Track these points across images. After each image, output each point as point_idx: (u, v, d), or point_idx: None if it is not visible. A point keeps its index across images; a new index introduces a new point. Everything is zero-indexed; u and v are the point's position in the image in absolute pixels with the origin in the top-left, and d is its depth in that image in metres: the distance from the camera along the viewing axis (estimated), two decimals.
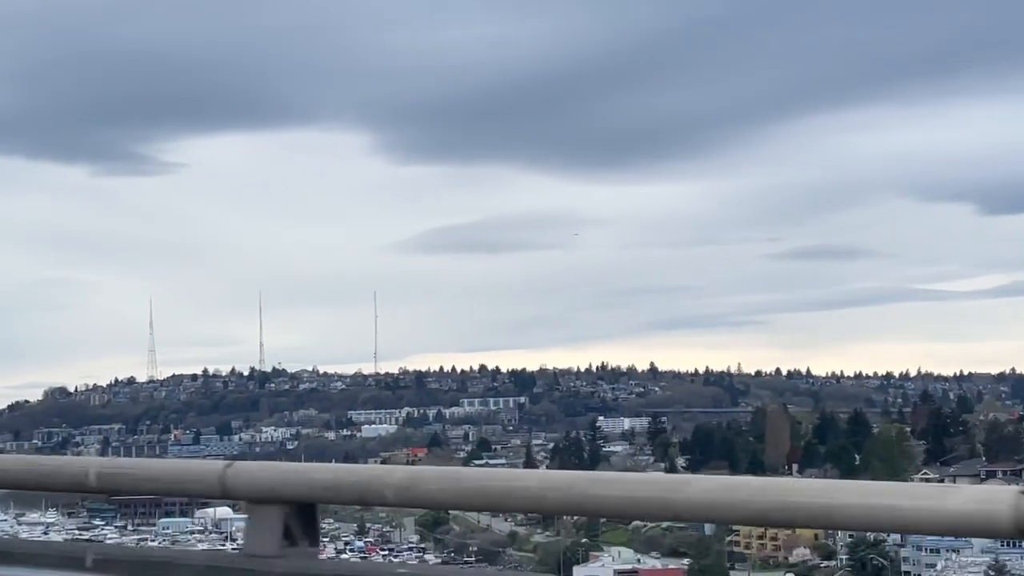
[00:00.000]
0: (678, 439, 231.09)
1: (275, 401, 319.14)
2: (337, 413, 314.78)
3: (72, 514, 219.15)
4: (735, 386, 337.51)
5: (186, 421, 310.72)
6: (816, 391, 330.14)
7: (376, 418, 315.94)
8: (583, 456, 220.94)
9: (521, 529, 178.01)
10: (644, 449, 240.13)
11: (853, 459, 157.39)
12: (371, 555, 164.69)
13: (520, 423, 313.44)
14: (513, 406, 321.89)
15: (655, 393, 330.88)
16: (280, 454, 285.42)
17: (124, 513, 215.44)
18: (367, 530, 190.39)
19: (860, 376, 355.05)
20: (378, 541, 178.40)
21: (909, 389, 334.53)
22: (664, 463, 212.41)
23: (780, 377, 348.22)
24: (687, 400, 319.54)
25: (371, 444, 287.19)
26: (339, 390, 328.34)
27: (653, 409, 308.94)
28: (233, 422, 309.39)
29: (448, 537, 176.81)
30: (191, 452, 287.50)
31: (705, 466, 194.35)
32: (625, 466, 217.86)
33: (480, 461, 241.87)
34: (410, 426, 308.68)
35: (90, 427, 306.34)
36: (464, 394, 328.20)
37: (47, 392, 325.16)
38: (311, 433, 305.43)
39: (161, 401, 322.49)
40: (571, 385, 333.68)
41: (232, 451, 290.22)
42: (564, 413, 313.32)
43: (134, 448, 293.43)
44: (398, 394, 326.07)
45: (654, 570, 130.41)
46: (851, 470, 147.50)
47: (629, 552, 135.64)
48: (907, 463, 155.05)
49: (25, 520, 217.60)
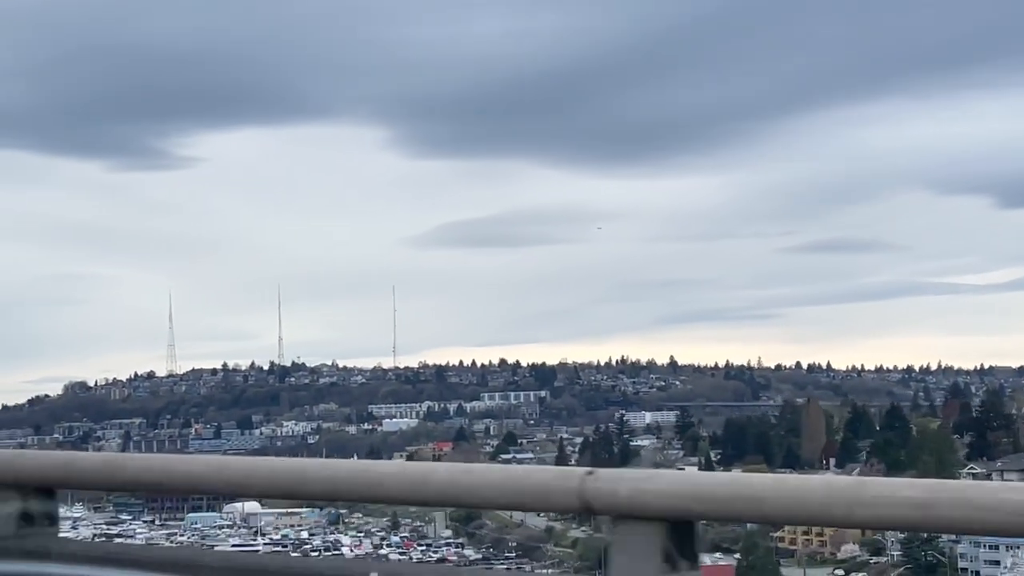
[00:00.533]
0: (708, 433, 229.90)
1: (295, 395, 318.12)
2: (358, 407, 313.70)
3: (98, 509, 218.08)
4: (756, 380, 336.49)
5: (207, 415, 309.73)
6: (837, 385, 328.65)
7: (397, 412, 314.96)
8: (612, 450, 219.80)
9: (557, 524, 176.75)
10: (672, 443, 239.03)
11: (898, 454, 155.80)
12: (408, 550, 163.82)
13: (541, 417, 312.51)
14: (534, 400, 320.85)
15: (676, 387, 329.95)
16: (302, 448, 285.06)
17: (151, 508, 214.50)
18: (399, 525, 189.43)
19: (881, 370, 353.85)
20: (413, 536, 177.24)
21: (930, 383, 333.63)
22: (696, 457, 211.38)
23: (800, 371, 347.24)
24: (708, 394, 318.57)
25: (392, 438, 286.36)
26: (359, 384, 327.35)
27: (675, 403, 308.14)
28: (254, 416, 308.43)
29: (484, 532, 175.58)
30: (212, 446, 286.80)
31: (739, 461, 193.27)
32: (655, 460, 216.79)
33: (507, 455, 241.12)
34: (431, 420, 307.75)
35: (111, 421, 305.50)
36: (484, 388, 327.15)
37: (67, 386, 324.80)
38: (332, 427, 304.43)
39: (181, 395, 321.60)
40: (591, 379, 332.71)
41: (253, 445, 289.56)
42: (585, 407, 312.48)
43: (155, 442, 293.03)
44: (418, 388, 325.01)
45: (703, 566, 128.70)
46: (896, 466, 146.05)
47: None
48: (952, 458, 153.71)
49: None
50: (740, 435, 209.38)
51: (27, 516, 5.71)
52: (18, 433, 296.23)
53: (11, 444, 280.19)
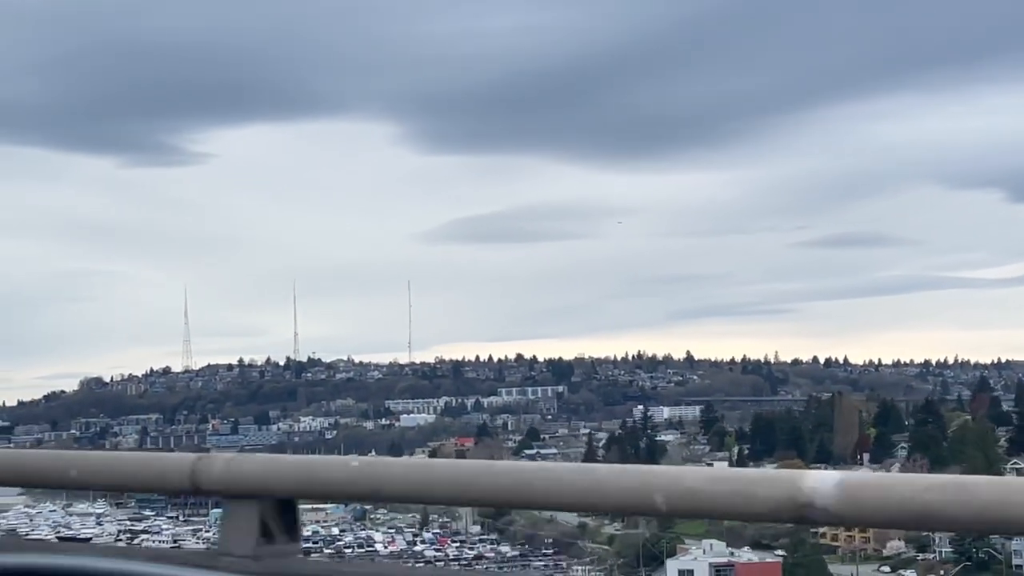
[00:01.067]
0: (734, 428, 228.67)
1: (312, 391, 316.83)
2: (375, 403, 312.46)
3: (120, 504, 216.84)
4: (774, 374, 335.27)
5: (223, 411, 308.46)
6: (855, 380, 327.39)
7: (414, 407, 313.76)
8: (638, 445, 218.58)
9: (589, 521, 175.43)
10: (697, 438, 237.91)
11: (939, 449, 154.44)
12: (443, 547, 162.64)
13: (559, 412, 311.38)
14: (552, 395, 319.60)
15: (693, 382, 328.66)
16: (320, 443, 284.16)
17: (175, 503, 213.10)
18: (429, 521, 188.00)
19: (899, 364, 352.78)
20: (447, 532, 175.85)
21: (948, 377, 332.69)
22: (723, 452, 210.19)
23: (817, 365, 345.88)
24: (726, 389, 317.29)
25: (410, 434, 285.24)
26: (375, 380, 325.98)
27: (693, 398, 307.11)
28: (271, 412, 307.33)
29: (516, 528, 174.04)
30: (230, 442, 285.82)
31: (769, 456, 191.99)
32: (682, 456, 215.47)
33: (531, 451, 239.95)
34: (448, 416, 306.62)
35: (127, 417, 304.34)
36: (502, 383, 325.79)
37: (83, 382, 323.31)
38: (349, 423, 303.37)
39: (198, 391, 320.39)
40: (609, 374, 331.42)
41: (271, 441, 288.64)
42: (603, 402, 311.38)
43: (172, 438, 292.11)
44: (435, 383, 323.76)
45: (750, 563, 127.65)
46: (939, 461, 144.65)
47: (721, 545, 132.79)
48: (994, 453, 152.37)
49: (74, 511, 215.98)
50: (768, 430, 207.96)
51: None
52: (35, 429, 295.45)
53: (28, 440, 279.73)
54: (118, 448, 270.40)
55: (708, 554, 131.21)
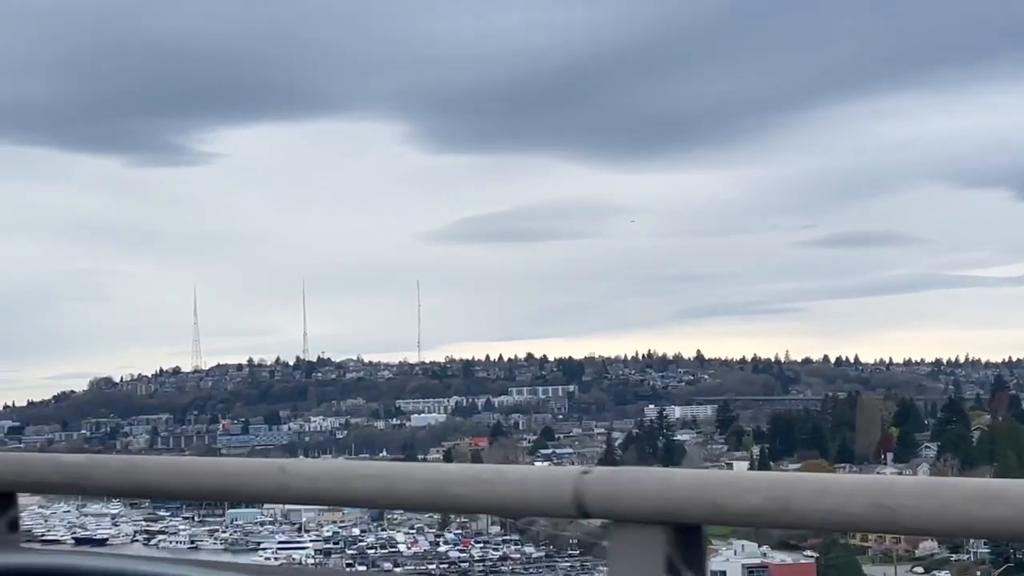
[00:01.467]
0: (751, 427, 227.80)
1: (322, 391, 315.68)
2: (385, 402, 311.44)
3: (135, 505, 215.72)
4: (784, 373, 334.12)
5: (234, 411, 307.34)
6: (866, 378, 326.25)
7: (424, 407, 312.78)
8: (656, 445, 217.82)
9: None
10: (714, 437, 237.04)
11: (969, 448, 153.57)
12: (467, 547, 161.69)
13: (570, 412, 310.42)
14: (562, 395, 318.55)
15: (704, 381, 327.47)
16: (331, 444, 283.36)
17: (191, 504, 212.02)
18: (449, 522, 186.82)
19: (910, 363, 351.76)
20: (469, 533, 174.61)
21: (960, 376, 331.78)
22: (742, 452, 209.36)
23: (828, 364, 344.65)
24: (737, 388, 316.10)
25: (421, 433, 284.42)
26: (386, 379, 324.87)
27: (704, 397, 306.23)
28: (281, 412, 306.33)
29: (540, 528, 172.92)
30: (241, 442, 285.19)
31: (789, 456, 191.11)
32: (700, 456, 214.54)
33: (546, 450, 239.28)
34: (459, 415, 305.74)
35: (137, 417, 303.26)
36: (512, 383, 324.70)
37: (92, 382, 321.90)
38: (360, 423, 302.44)
39: (208, 391, 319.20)
40: (619, 373, 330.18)
41: (282, 441, 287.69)
42: (614, 401, 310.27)
43: (183, 438, 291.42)
44: (445, 383, 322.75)
45: (783, 564, 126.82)
46: (969, 462, 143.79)
47: (753, 546, 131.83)
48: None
49: (88, 511, 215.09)
50: (787, 429, 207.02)
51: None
52: (45, 429, 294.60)
53: (39, 440, 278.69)
54: (128, 449, 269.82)
55: (740, 555, 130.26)
